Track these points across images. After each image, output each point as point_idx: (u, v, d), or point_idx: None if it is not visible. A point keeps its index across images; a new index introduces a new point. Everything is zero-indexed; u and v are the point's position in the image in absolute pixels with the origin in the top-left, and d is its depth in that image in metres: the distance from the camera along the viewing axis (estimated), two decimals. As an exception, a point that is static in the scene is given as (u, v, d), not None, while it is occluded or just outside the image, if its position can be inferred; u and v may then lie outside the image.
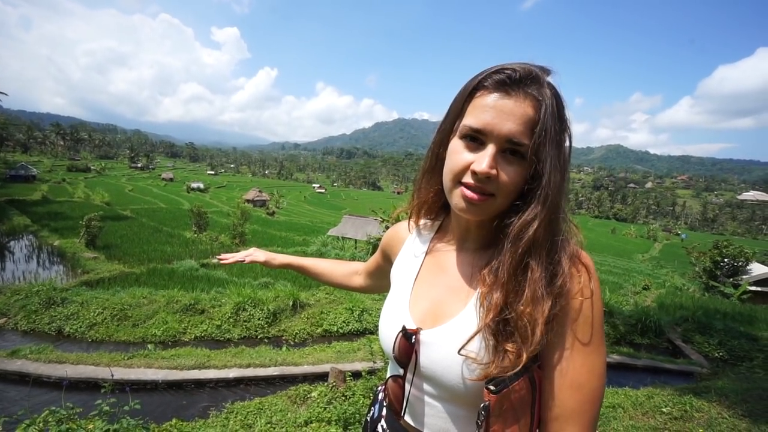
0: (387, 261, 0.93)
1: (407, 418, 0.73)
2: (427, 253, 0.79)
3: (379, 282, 1.04)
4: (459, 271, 0.71)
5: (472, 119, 0.60)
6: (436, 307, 0.70)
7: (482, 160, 0.58)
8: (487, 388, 0.56)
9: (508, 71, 0.59)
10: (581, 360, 0.58)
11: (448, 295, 0.70)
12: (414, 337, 0.67)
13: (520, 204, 0.61)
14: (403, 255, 0.84)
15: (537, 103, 0.58)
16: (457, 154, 0.62)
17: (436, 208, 0.79)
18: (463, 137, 0.62)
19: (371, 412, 0.88)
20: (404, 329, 0.69)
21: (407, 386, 0.70)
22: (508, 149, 0.59)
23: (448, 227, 0.78)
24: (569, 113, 0.61)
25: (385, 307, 0.79)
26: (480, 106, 0.60)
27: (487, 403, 0.56)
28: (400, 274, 0.81)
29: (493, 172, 0.58)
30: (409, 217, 0.83)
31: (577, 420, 0.57)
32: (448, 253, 0.75)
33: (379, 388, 0.92)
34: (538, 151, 0.58)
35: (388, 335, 0.73)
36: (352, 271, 1.13)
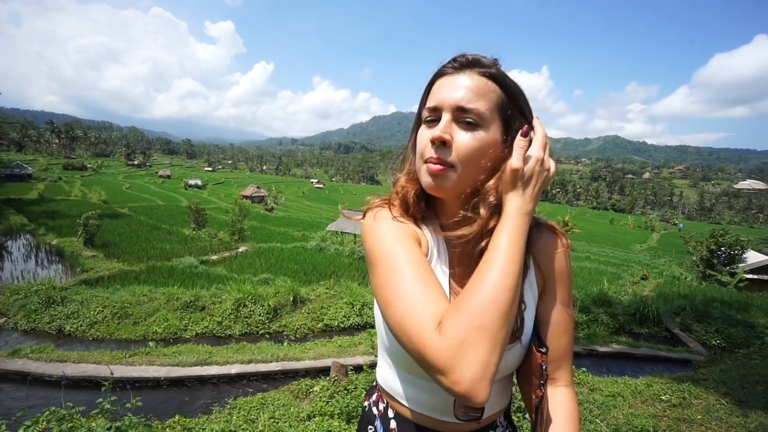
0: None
1: (446, 417, 0.72)
2: (447, 248, 0.73)
3: None
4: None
5: (429, 102, 0.66)
6: None
7: (436, 128, 0.62)
8: (540, 351, 0.67)
9: (460, 58, 0.66)
10: (567, 310, 0.72)
11: None
12: None
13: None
14: (430, 252, 0.72)
15: (487, 77, 0.64)
16: (421, 136, 0.67)
17: (419, 209, 0.73)
18: (425, 122, 0.67)
19: (371, 431, 0.82)
20: None
21: None
22: (463, 119, 0.62)
23: (442, 217, 0.76)
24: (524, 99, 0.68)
25: None
26: (435, 89, 0.66)
27: (543, 363, 0.67)
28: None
29: (447, 137, 0.61)
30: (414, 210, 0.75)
31: (567, 357, 0.73)
32: (464, 246, 0.70)
33: (369, 402, 0.86)
34: (508, 115, 0.64)
35: None
36: None
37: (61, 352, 6.43)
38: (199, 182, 68.09)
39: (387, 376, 0.78)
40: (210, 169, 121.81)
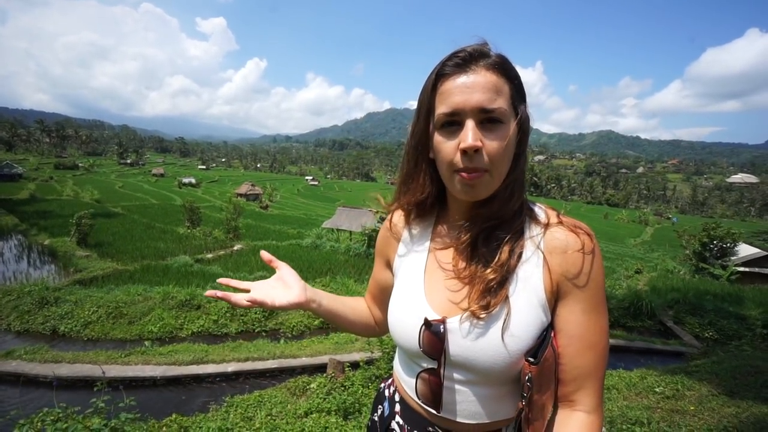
0: (389, 267, 0.87)
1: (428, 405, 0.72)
2: (431, 244, 0.77)
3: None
4: (469, 255, 0.70)
5: (443, 107, 0.63)
6: (454, 294, 0.69)
7: (466, 137, 0.60)
8: (528, 361, 0.61)
9: (461, 54, 0.63)
10: (592, 322, 0.63)
11: (463, 281, 0.69)
12: (443, 326, 0.66)
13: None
14: (405, 248, 0.81)
15: (495, 70, 0.63)
16: (442, 144, 0.64)
17: (426, 207, 0.78)
18: (442, 127, 0.64)
19: (380, 411, 0.86)
20: (427, 321, 0.67)
21: (442, 378, 0.69)
22: (485, 119, 0.61)
23: (446, 216, 0.77)
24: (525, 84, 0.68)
25: (396, 301, 0.77)
26: (446, 92, 0.63)
27: (530, 374, 0.61)
28: (405, 266, 0.79)
29: (479, 144, 0.60)
30: (405, 214, 0.81)
31: (593, 376, 0.63)
32: (453, 240, 0.73)
33: (384, 384, 0.90)
34: (517, 107, 0.64)
35: (408, 330, 0.71)
36: (367, 310, 0.96)
37: (56, 352, 6.39)
38: (192, 180, 67.56)
39: (396, 361, 0.84)
40: (204, 167, 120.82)
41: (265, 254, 0.83)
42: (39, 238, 15.89)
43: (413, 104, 0.72)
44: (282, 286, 0.80)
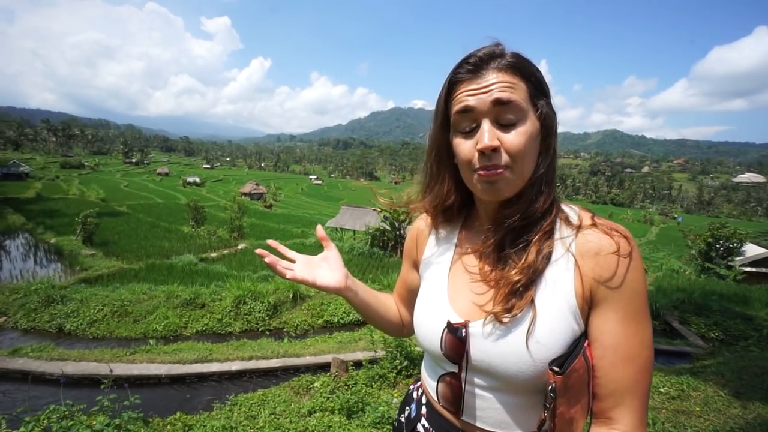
0: (415, 269, 0.88)
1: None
2: (457, 247, 0.77)
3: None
4: (496, 258, 0.68)
5: (458, 111, 0.64)
6: (478, 297, 0.68)
7: (482, 137, 0.60)
8: (552, 370, 0.57)
9: (472, 59, 0.63)
10: (631, 332, 0.58)
11: (489, 284, 0.67)
12: (464, 330, 0.65)
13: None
14: (430, 251, 0.82)
15: (509, 70, 0.62)
16: (461, 146, 0.64)
17: (453, 211, 0.78)
18: (459, 131, 0.65)
19: (407, 412, 0.87)
20: (449, 324, 0.67)
21: (463, 383, 0.68)
22: (501, 119, 0.61)
23: (473, 220, 0.77)
24: (546, 79, 0.66)
25: (420, 304, 0.77)
26: (460, 97, 0.63)
27: (553, 384, 0.57)
28: (430, 269, 0.79)
29: (496, 143, 0.60)
30: (432, 217, 0.81)
31: (633, 392, 0.58)
32: (479, 243, 0.72)
33: (413, 387, 0.91)
34: (536, 103, 0.63)
35: (430, 333, 0.71)
36: (396, 309, 0.97)
37: (62, 350, 6.44)
38: (197, 180, 67.98)
39: (423, 363, 0.84)
40: (208, 166, 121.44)
41: (320, 230, 0.83)
42: (45, 236, 16.05)
43: (417, 103, 0.71)
44: (327, 267, 0.80)
